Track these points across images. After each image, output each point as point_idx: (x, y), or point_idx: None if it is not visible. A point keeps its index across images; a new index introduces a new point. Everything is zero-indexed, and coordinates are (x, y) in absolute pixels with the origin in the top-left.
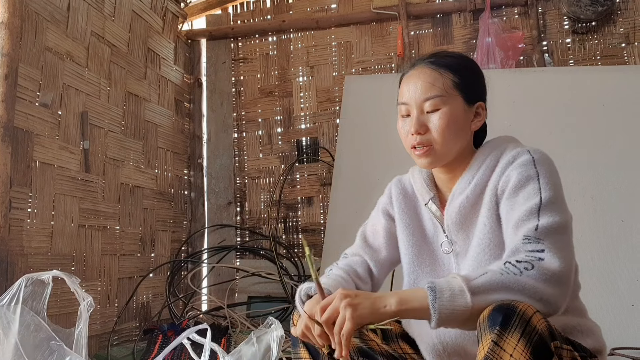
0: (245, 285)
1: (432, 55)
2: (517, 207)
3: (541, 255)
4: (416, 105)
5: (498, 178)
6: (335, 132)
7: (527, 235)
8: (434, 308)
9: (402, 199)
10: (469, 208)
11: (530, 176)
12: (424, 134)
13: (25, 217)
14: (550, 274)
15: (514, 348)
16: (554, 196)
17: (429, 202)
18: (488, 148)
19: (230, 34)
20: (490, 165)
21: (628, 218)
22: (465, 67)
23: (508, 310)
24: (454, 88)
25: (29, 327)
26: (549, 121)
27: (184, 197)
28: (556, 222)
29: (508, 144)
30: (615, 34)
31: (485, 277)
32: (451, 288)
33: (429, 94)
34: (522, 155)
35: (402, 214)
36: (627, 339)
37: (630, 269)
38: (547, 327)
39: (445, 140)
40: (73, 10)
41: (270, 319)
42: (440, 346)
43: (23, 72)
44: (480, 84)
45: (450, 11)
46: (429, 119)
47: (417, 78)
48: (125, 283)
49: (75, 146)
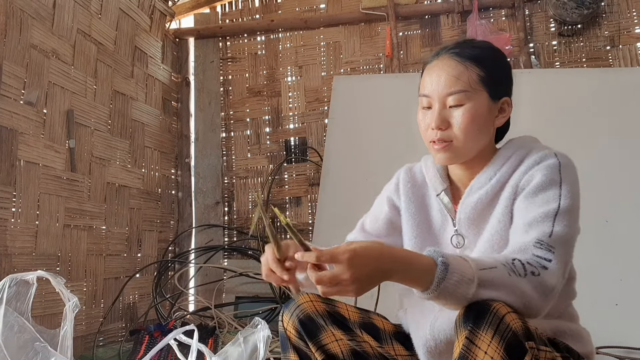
0: (232, 286)
1: (457, 45)
2: (533, 208)
3: (547, 265)
4: (439, 99)
5: (521, 177)
6: (323, 132)
7: (540, 239)
8: (438, 285)
9: (410, 188)
10: (485, 204)
11: (554, 180)
12: (445, 129)
13: (9, 216)
14: (547, 286)
15: (488, 345)
16: (572, 206)
17: (441, 193)
18: (513, 146)
19: (219, 33)
20: (514, 163)
21: (612, 218)
22: (492, 60)
23: (481, 309)
24: (480, 83)
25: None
26: (534, 122)
27: (171, 197)
28: (568, 234)
29: (534, 145)
30: (600, 36)
31: (495, 273)
32: (462, 272)
33: (453, 89)
34: (549, 158)
35: (408, 202)
36: (611, 338)
37: (614, 268)
38: (522, 327)
39: (467, 137)
40: (59, 7)
41: (256, 319)
42: (433, 343)
43: (7, 70)
44: (507, 77)
45: (439, 12)
46: (452, 114)
47: (441, 70)
48: (111, 283)
49: (60, 145)
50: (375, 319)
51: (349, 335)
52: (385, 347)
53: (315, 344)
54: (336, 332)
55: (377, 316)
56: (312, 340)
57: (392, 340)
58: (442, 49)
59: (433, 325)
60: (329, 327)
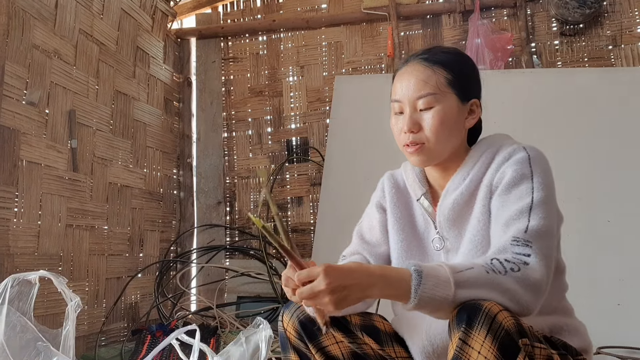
0: (234, 286)
1: (425, 51)
2: (508, 205)
3: (527, 260)
4: (409, 103)
5: (493, 174)
6: (325, 132)
7: (516, 236)
8: (415, 293)
9: (395, 193)
10: (462, 205)
11: (524, 175)
12: (417, 132)
13: (11, 216)
14: (532, 281)
15: (481, 345)
16: (546, 197)
17: (421, 197)
18: (484, 145)
19: (220, 33)
20: (485, 162)
21: (614, 218)
22: (459, 63)
23: (473, 309)
24: (448, 85)
25: (15, 328)
26: (537, 122)
27: (173, 197)
28: (545, 226)
29: (504, 141)
30: (602, 36)
31: (471, 272)
32: (437, 276)
33: (421, 92)
34: (518, 153)
35: (394, 208)
36: (613, 338)
37: (616, 268)
38: (515, 325)
39: (438, 138)
40: (61, 7)
41: (258, 319)
42: (430, 347)
43: (10, 70)
44: (475, 80)
45: (440, 12)
46: (422, 117)
47: (410, 75)
48: (113, 283)
49: (62, 145)
50: (376, 320)
51: (350, 337)
52: (386, 349)
53: (316, 346)
54: (336, 334)
55: (379, 318)
56: (312, 341)
57: (393, 342)
58: (411, 55)
59: (429, 330)
60: (329, 329)
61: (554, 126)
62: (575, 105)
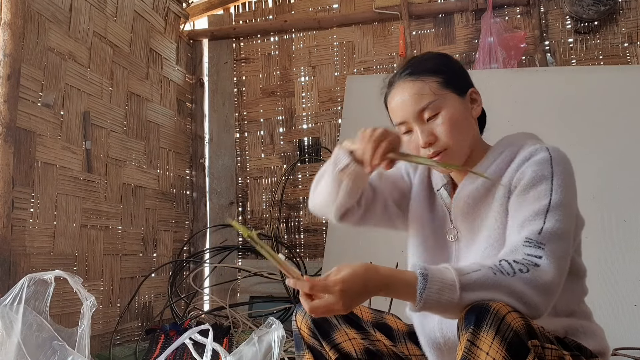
0: (247, 285)
1: (406, 68)
2: (525, 206)
3: (538, 262)
4: (414, 119)
5: (513, 174)
6: (337, 132)
7: (530, 237)
8: (420, 296)
9: (425, 178)
10: (477, 199)
11: (544, 176)
12: (434, 142)
13: (27, 217)
14: (541, 282)
15: (490, 346)
16: (565, 199)
17: (441, 188)
18: (506, 142)
19: (232, 34)
20: (506, 159)
21: (631, 218)
22: (442, 64)
23: (481, 310)
24: (442, 88)
25: (31, 327)
26: (551, 121)
27: (186, 197)
28: (560, 229)
29: (527, 140)
30: (617, 33)
31: (478, 274)
32: (443, 280)
33: (422, 104)
34: (539, 153)
35: (420, 187)
36: (630, 339)
37: (632, 269)
38: (525, 326)
39: (456, 139)
40: (75, 10)
41: (271, 319)
42: (442, 339)
43: (25, 73)
44: (462, 71)
45: (452, 11)
46: (433, 126)
47: (403, 94)
48: (127, 283)
49: (77, 146)
50: (388, 319)
51: (363, 334)
52: (399, 346)
53: (329, 343)
54: (349, 331)
55: (391, 316)
56: (325, 339)
57: (406, 340)
58: (392, 77)
59: (441, 323)
60: (342, 326)
61: (568, 125)
62: (589, 104)
